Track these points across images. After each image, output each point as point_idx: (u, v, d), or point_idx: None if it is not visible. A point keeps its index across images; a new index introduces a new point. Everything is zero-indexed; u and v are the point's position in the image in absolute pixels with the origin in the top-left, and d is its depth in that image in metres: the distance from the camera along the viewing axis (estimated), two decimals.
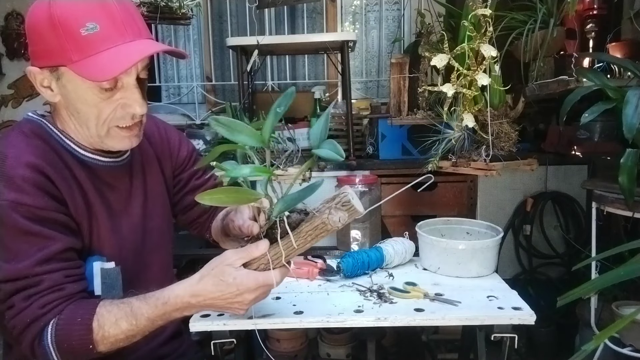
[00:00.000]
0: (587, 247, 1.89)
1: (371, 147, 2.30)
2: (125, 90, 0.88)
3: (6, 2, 3.07)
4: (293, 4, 2.81)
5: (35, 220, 0.83)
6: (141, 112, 0.90)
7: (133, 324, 0.84)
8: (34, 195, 0.83)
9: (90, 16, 0.81)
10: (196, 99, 3.12)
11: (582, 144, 1.85)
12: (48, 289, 0.83)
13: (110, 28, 0.83)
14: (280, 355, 2.08)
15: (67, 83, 0.86)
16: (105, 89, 0.86)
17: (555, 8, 1.60)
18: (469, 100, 1.40)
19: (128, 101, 0.88)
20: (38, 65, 0.86)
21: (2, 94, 3.17)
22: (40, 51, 0.85)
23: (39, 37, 0.84)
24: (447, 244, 1.21)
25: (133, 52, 0.83)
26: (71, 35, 0.81)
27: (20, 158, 0.85)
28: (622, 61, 1.56)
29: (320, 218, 0.82)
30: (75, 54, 0.82)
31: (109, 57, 0.82)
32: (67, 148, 0.94)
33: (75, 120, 0.92)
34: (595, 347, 1.27)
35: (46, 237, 0.84)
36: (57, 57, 0.83)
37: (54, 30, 0.81)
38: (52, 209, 0.85)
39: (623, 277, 0.90)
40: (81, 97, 0.87)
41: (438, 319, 0.99)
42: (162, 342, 1.09)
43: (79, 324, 0.82)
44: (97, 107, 0.87)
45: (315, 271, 1.21)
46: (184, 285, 0.86)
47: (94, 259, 0.94)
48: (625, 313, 1.50)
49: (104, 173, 0.98)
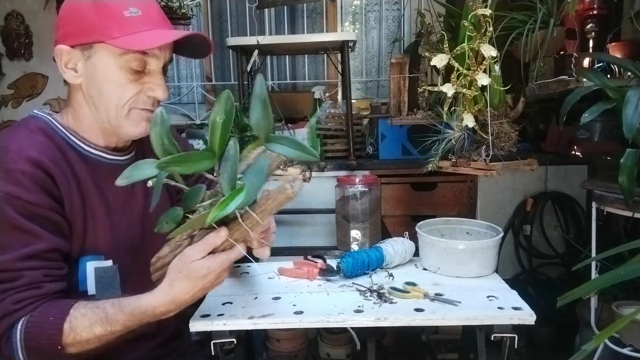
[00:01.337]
0: (587, 247, 1.89)
1: (371, 147, 2.30)
2: (151, 75, 0.93)
3: (6, 2, 3.07)
4: (293, 4, 2.81)
5: (26, 216, 0.83)
6: (163, 97, 0.95)
7: (108, 330, 0.84)
8: (30, 191, 0.83)
9: (132, 2, 0.89)
10: (196, 99, 3.12)
11: (582, 144, 1.85)
12: (25, 285, 0.83)
13: (150, 15, 0.91)
14: (280, 355, 2.08)
15: (98, 62, 0.89)
16: (135, 70, 0.90)
17: (555, 8, 1.60)
18: (469, 100, 1.40)
19: (153, 85, 0.93)
20: (69, 44, 0.89)
21: (2, 94, 3.17)
22: (78, 30, 0.88)
23: (78, 16, 0.88)
24: (447, 244, 1.21)
25: (170, 34, 0.92)
26: (114, 15, 0.87)
27: (22, 152, 0.86)
28: (622, 61, 1.55)
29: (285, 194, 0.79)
30: (116, 31, 0.87)
31: (149, 35, 0.89)
32: (71, 144, 0.95)
33: (92, 104, 0.93)
34: (595, 347, 1.27)
35: (34, 234, 0.84)
36: (97, 34, 0.87)
37: (97, 9, 0.87)
38: (46, 206, 0.85)
39: (623, 277, 0.90)
40: (109, 76, 0.90)
41: (438, 319, 0.99)
42: (162, 342, 1.09)
43: (50, 323, 0.82)
44: (123, 88, 0.91)
45: (315, 271, 1.21)
46: (157, 295, 0.85)
47: (88, 258, 0.93)
48: (625, 313, 1.50)
49: (107, 170, 0.98)
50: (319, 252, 1.55)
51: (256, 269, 1.30)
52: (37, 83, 3.18)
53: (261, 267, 1.31)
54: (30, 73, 3.16)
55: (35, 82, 3.17)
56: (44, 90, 3.18)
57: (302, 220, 2.22)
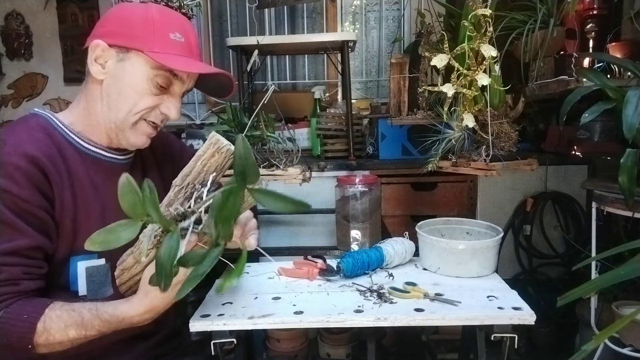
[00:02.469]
0: (587, 247, 1.89)
1: (371, 147, 2.30)
2: (171, 95, 0.98)
3: (6, 2, 3.07)
4: (293, 4, 2.81)
5: (14, 211, 0.83)
6: (175, 117, 0.99)
7: (82, 334, 0.84)
8: (21, 186, 0.84)
9: (178, 28, 0.95)
10: (196, 99, 3.12)
11: (582, 144, 1.85)
12: (3, 281, 0.83)
13: (190, 45, 0.97)
14: (280, 355, 2.08)
15: (129, 67, 0.93)
16: (160, 86, 0.95)
17: (555, 8, 1.60)
18: (469, 100, 1.40)
19: (169, 104, 0.97)
20: (109, 43, 0.92)
21: (2, 94, 3.17)
22: (122, 33, 0.92)
23: (127, 22, 0.93)
24: (447, 244, 1.21)
25: (204, 66, 0.99)
26: (160, 32, 0.92)
27: (18, 147, 0.86)
28: (622, 61, 1.55)
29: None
30: (158, 46, 0.92)
31: (184, 60, 0.95)
32: (70, 142, 0.96)
33: (106, 101, 0.95)
34: (595, 347, 1.27)
35: (18, 230, 0.84)
36: (139, 42, 0.91)
37: (146, 23, 0.92)
38: (35, 204, 0.85)
39: (623, 277, 0.90)
40: (134, 83, 0.93)
41: (438, 319, 0.99)
42: (160, 341, 1.09)
43: (24, 321, 0.82)
44: (142, 97, 0.94)
45: (315, 271, 1.21)
46: (134, 304, 0.86)
47: (79, 258, 0.93)
48: (625, 313, 1.50)
49: (105, 168, 0.99)
50: (319, 252, 1.55)
51: (257, 268, 1.30)
52: (37, 83, 3.18)
53: (261, 267, 1.31)
54: (30, 73, 3.16)
55: (35, 82, 3.18)
56: (44, 90, 3.18)
57: (302, 220, 2.22)
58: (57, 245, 0.91)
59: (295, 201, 0.71)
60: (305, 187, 1.77)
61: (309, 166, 1.72)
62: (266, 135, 1.54)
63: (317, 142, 2.29)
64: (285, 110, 2.10)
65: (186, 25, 0.98)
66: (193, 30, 1.00)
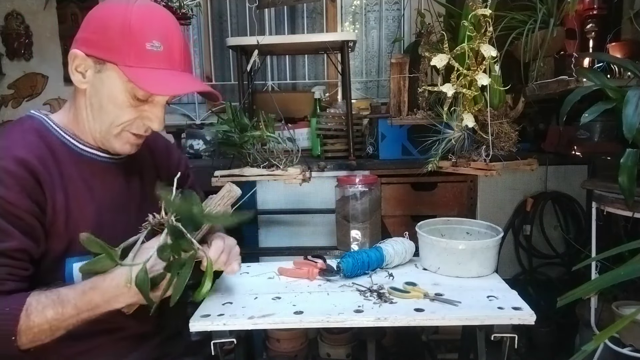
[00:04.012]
0: (587, 247, 1.89)
1: (371, 147, 2.30)
2: (153, 106, 0.94)
3: (6, 2, 3.07)
4: (293, 4, 2.81)
5: (1, 214, 0.83)
6: (158, 129, 0.97)
7: (59, 312, 0.83)
8: (10, 189, 0.84)
9: (158, 36, 0.89)
10: (196, 99, 3.12)
11: (582, 144, 1.85)
12: None
13: (170, 54, 0.91)
14: (280, 355, 2.08)
15: (107, 79, 0.90)
16: (139, 98, 0.91)
17: (555, 8, 1.60)
18: (469, 100, 1.40)
19: (151, 115, 0.94)
20: (86, 53, 0.89)
21: (2, 94, 3.17)
22: (98, 43, 0.88)
23: (103, 30, 0.88)
24: (447, 244, 1.21)
25: (184, 82, 0.94)
26: (136, 43, 0.87)
27: (9, 150, 0.86)
28: (622, 61, 1.56)
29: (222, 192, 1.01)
30: (132, 59, 0.87)
31: (162, 76, 0.89)
32: (64, 143, 0.96)
33: (91, 111, 0.94)
34: (595, 347, 1.27)
35: (5, 232, 0.84)
36: (113, 55, 0.88)
37: (122, 32, 0.87)
38: (23, 208, 0.85)
39: (623, 277, 0.90)
40: (112, 95, 0.91)
41: (438, 319, 0.99)
42: (161, 342, 1.09)
43: (6, 313, 0.81)
44: (122, 110, 0.92)
45: (315, 271, 1.20)
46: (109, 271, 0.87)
47: (74, 260, 0.93)
48: (625, 313, 1.50)
49: (100, 168, 0.99)
50: (319, 252, 1.54)
51: (256, 269, 1.30)
52: (37, 83, 3.18)
53: (261, 267, 1.31)
54: (30, 73, 3.17)
55: (35, 82, 3.18)
56: (44, 90, 3.19)
57: (302, 220, 2.22)
58: (50, 246, 0.91)
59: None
60: (305, 187, 1.77)
61: (309, 166, 1.72)
62: (266, 135, 1.54)
63: (317, 142, 2.29)
64: (285, 110, 2.10)
65: (169, 30, 0.92)
66: (178, 34, 0.93)
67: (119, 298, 0.86)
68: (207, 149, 2.42)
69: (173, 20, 0.95)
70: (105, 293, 0.85)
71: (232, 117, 1.54)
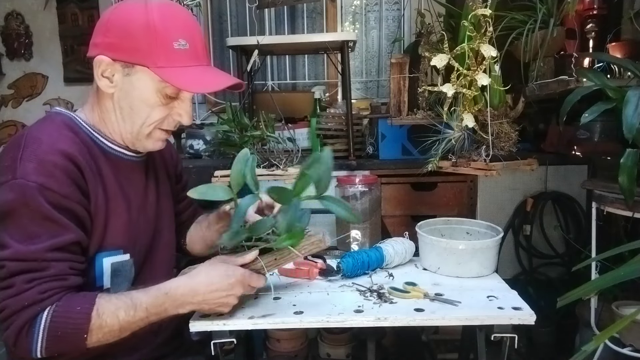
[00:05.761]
0: (587, 247, 1.88)
1: (371, 147, 2.29)
2: (182, 102, 0.97)
3: (6, 2, 3.07)
4: (293, 4, 2.81)
5: (57, 207, 0.85)
6: (188, 123, 1.00)
7: (130, 314, 0.86)
8: (61, 183, 0.85)
9: (182, 34, 0.91)
10: (196, 99, 3.12)
11: (582, 144, 1.85)
12: (52, 276, 0.84)
13: (195, 50, 0.93)
14: (280, 355, 2.08)
15: (137, 81, 0.92)
16: (170, 96, 0.94)
17: (555, 8, 1.60)
18: (469, 100, 1.40)
19: (181, 111, 0.97)
20: (112, 57, 0.90)
21: (2, 94, 3.17)
22: (124, 47, 0.89)
23: (127, 34, 0.89)
24: (447, 244, 1.21)
25: (216, 77, 0.98)
26: (164, 44, 0.89)
27: (55, 145, 0.88)
28: (622, 61, 1.55)
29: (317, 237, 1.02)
30: (162, 60, 0.89)
31: (195, 74, 0.93)
32: (95, 141, 0.98)
33: (121, 113, 0.96)
34: (595, 347, 1.27)
35: (62, 225, 0.85)
36: (142, 58, 0.89)
37: (149, 34, 0.88)
38: (75, 200, 0.87)
39: (623, 278, 0.90)
40: (144, 97, 0.93)
41: (438, 319, 0.99)
42: (162, 342, 1.09)
43: (78, 312, 0.83)
44: (154, 109, 0.94)
45: (315, 271, 1.20)
46: (184, 278, 0.92)
47: (104, 255, 0.95)
48: (625, 313, 1.50)
49: (126, 167, 1.02)
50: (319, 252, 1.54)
51: None
52: (37, 83, 3.18)
53: None
54: (30, 73, 3.17)
55: (35, 82, 3.18)
56: (44, 90, 3.19)
57: None
58: (90, 241, 0.92)
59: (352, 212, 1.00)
60: None
61: None
62: (266, 135, 1.54)
63: (317, 142, 2.29)
64: (285, 110, 2.10)
65: (191, 27, 0.94)
66: (197, 28, 0.96)
67: (187, 306, 0.92)
68: (207, 149, 2.42)
69: (190, 15, 0.98)
70: (176, 300, 0.90)
71: (232, 117, 1.54)
